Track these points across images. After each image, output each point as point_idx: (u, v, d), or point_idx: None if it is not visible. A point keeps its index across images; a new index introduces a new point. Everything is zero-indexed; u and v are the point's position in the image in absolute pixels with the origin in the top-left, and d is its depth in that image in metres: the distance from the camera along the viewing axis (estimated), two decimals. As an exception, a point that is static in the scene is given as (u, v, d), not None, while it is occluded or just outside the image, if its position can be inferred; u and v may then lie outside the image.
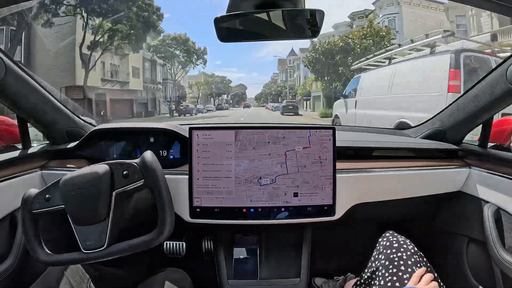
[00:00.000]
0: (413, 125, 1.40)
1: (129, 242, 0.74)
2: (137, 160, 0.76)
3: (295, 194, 0.94)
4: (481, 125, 1.01)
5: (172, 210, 0.76)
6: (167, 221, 0.74)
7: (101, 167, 0.75)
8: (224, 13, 0.72)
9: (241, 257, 1.06)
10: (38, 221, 0.78)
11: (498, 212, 0.92)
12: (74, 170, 0.78)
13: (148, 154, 0.76)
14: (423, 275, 0.74)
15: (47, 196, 0.77)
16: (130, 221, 0.82)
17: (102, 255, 0.74)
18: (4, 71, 0.82)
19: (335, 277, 1.26)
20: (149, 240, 0.74)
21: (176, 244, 1.09)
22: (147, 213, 0.84)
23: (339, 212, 0.97)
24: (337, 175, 0.95)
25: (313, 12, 0.70)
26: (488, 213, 0.93)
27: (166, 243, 1.15)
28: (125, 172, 0.75)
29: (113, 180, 0.75)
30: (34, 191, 0.79)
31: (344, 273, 1.25)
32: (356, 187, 1.01)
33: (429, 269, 0.80)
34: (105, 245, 0.73)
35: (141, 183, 0.74)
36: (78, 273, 0.79)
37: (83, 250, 0.75)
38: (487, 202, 0.96)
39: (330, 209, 0.96)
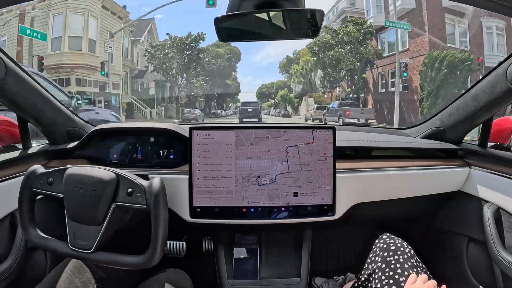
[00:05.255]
0: None
1: (116, 256, 0.74)
2: (145, 183, 0.75)
3: (295, 194, 0.94)
4: (481, 125, 1.02)
5: (165, 239, 0.75)
6: (157, 249, 0.73)
7: (108, 174, 0.75)
8: (224, 13, 0.72)
9: (241, 256, 1.06)
10: (35, 199, 0.78)
11: (498, 212, 0.93)
12: None
13: (157, 181, 0.75)
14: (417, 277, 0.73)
15: (50, 179, 0.77)
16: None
17: (86, 258, 0.75)
18: (4, 71, 0.82)
19: (335, 277, 1.26)
20: (136, 263, 0.74)
21: (176, 244, 1.09)
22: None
23: (339, 212, 0.97)
24: (337, 175, 0.95)
25: (313, 12, 0.70)
26: (488, 212, 0.93)
27: (166, 243, 1.15)
28: (130, 190, 0.74)
29: (117, 192, 0.75)
30: (39, 169, 0.78)
31: (344, 273, 1.25)
32: (356, 187, 1.01)
33: (427, 273, 0.79)
34: (92, 249, 0.74)
35: (142, 207, 0.74)
36: (86, 274, 0.79)
37: (70, 245, 0.75)
38: (487, 201, 0.96)
39: (330, 209, 0.95)
